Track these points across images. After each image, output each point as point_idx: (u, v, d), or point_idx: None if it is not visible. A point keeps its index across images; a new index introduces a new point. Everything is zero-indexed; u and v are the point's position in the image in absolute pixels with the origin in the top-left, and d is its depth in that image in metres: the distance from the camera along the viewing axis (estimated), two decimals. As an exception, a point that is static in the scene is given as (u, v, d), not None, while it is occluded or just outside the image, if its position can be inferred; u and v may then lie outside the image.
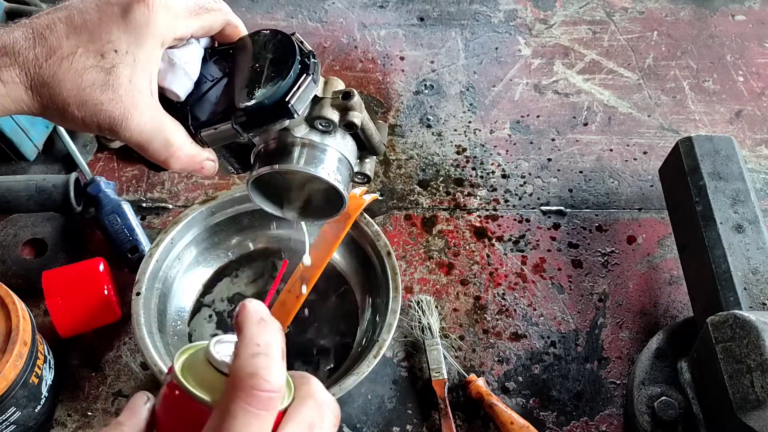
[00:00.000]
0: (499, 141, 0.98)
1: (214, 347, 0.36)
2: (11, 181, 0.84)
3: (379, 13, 1.14)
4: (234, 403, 0.32)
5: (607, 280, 0.85)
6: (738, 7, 1.16)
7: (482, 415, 0.73)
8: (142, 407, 0.35)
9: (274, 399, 0.32)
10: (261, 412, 0.32)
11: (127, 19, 0.43)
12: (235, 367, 0.33)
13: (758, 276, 0.69)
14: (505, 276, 0.85)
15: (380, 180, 0.93)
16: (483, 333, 0.80)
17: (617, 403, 0.75)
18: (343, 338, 0.77)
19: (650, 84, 1.06)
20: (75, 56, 0.43)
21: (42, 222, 0.82)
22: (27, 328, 0.64)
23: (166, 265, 0.75)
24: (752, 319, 0.60)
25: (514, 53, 1.09)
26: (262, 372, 0.32)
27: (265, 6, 1.14)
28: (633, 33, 1.12)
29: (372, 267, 0.77)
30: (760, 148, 0.99)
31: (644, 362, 0.71)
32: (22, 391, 0.64)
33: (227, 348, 0.36)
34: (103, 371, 0.75)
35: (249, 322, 0.35)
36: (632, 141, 0.99)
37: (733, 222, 0.74)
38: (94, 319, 0.75)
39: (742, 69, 1.08)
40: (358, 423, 0.73)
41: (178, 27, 0.46)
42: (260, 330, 0.34)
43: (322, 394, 0.36)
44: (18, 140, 0.87)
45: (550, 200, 0.92)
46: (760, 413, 0.57)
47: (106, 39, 0.43)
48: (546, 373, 0.77)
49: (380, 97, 1.03)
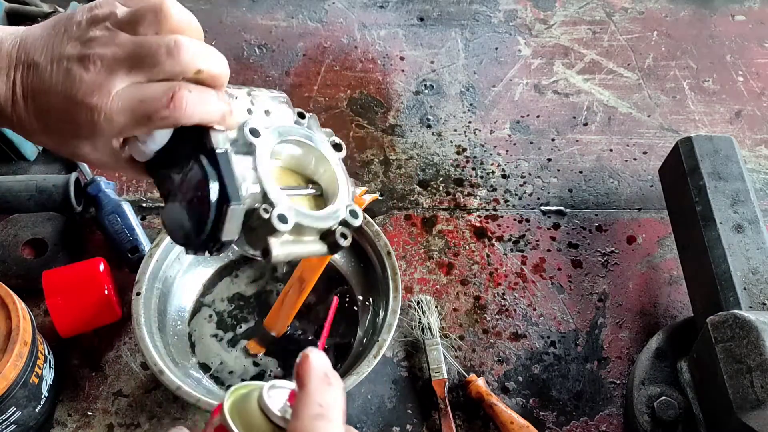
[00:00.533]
0: (499, 141, 0.98)
1: (267, 393, 0.35)
2: (11, 181, 0.84)
3: (379, 13, 1.14)
4: None
5: (607, 280, 0.85)
6: (738, 7, 1.16)
7: (482, 415, 0.73)
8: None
9: None
10: None
11: (82, 121, 0.44)
12: (295, 428, 0.32)
13: (758, 276, 0.69)
14: (505, 276, 0.85)
15: (380, 180, 0.93)
16: (483, 333, 0.80)
17: (617, 403, 0.75)
18: (343, 338, 0.77)
19: (650, 84, 1.06)
20: (43, 133, 0.46)
21: (42, 222, 0.82)
22: (27, 328, 0.64)
23: (166, 265, 0.75)
24: (752, 319, 0.60)
25: (514, 53, 1.09)
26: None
27: (265, 6, 1.14)
28: (633, 33, 1.13)
29: (372, 267, 0.77)
30: (759, 148, 0.99)
31: (644, 362, 0.71)
32: (23, 390, 0.64)
33: (281, 395, 0.35)
34: (104, 371, 0.75)
35: (313, 378, 0.34)
36: (632, 141, 0.99)
37: (732, 222, 0.74)
38: (94, 319, 0.75)
39: (742, 69, 1.08)
40: (358, 423, 0.73)
41: (118, 126, 0.46)
42: (323, 389, 0.34)
43: None
44: (18, 140, 0.87)
45: (550, 200, 0.92)
46: (760, 413, 0.57)
47: (69, 131, 0.45)
48: (546, 373, 0.77)
49: (380, 97, 1.03)
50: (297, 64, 1.07)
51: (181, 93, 0.42)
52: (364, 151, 0.96)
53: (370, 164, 0.95)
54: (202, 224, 0.44)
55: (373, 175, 0.94)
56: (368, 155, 0.96)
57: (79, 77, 0.43)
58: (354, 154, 0.95)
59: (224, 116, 0.45)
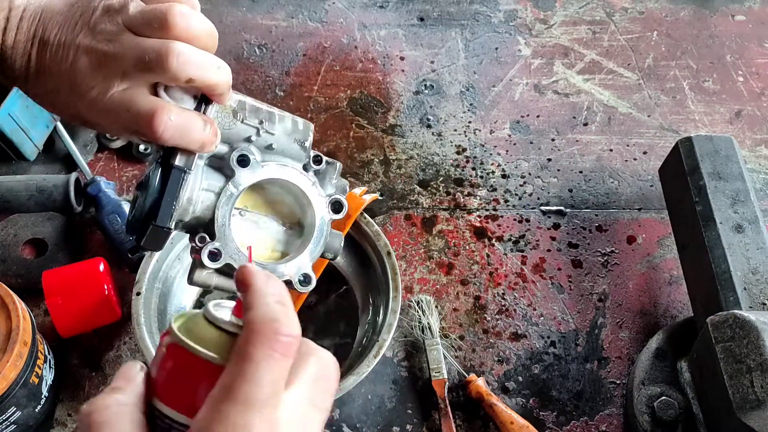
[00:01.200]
0: (499, 141, 0.98)
1: (213, 308, 0.36)
2: (11, 181, 0.84)
3: (379, 13, 1.14)
4: (256, 349, 0.31)
5: (607, 280, 0.85)
6: (738, 7, 1.16)
7: (482, 415, 0.73)
8: (137, 374, 0.35)
9: (294, 345, 0.33)
10: (283, 357, 0.32)
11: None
12: (254, 316, 0.33)
13: (758, 276, 0.69)
14: (505, 276, 0.85)
15: (380, 180, 0.93)
16: (483, 333, 0.80)
17: (617, 403, 0.75)
18: (343, 338, 0.77)
19: (650, 84, 1.06)
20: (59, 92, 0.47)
21: (42, 222, 0.82)
22: (27, 327, 0.64)
23: (166, 265, 0.75)
24: (752, 319, 0.60)
25: (514, 53, 1.09)
26: (283, 318, 0.33)
27: (265, 6, 1.14)
28: (633, 33, 1.12)
29: (372, 267, 0.77)
30: (759, 148, 0.99)
31: (644, 362, 0.71)
32: (23, 390, 0.64)
33: (225, 312, 0.36)
34: (104, 371, 0.75)
35: (257, 277, 0.35)
36: (632, 141, 0.99)
37: (732, 222, 0.74)
38: (94, 319, 0.75)
39: (742, 69, 1.08)
40: (358, 423, 0.73)
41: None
42: (271, 282, 0.35)
43: (323, 351, 0.36)
44: (18, 140, 0.87)
45: (550, 200, 0.92)
46: (760, 413, 0.57)
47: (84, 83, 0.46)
48: (546, 373, 0.77)
49: (380, 97, 1.03)
50: (297, 64, 1.07)
51: (160, 117, 0.43)
52: (364, 151, 0.96)
53: (370, 164, 0.95)
54: (132, 224, 0.46)
55: (373, 175, 0.94)
56: (368, 155, 0.96)
57: (83, 70, 0.44)
58: (354, 154, 0.95)
59: (204, 145, 0.45)
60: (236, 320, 0.36)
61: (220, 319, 0.36)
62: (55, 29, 0.45)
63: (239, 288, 0.35)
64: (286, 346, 0.32)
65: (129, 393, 0.34)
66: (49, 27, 0.45)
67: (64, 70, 0.44)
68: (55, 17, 0.45)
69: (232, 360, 0.32)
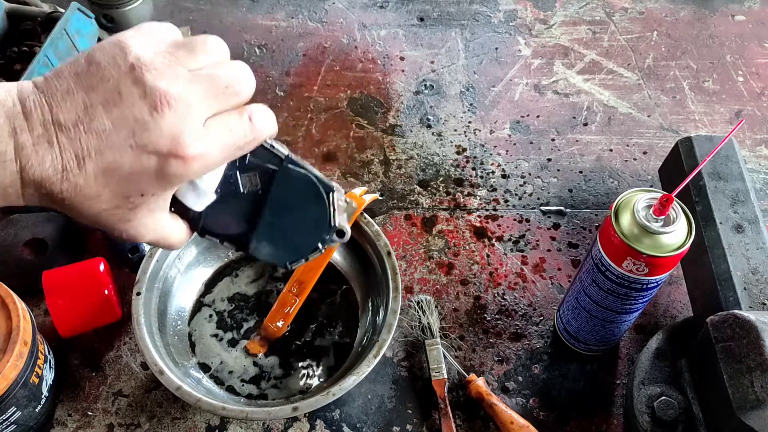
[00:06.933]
0: (499, 141, 0.98)
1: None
2: (11, 181, 0.84)
3: (379, 13, 1.14)
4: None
5: (607, 280, 0.85)
6: (738, 7, 1.16)
7: (482, 415, 0.73)
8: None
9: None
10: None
11: (162, 173, 0.40)
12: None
13: (758, 276, 0.69)
14: (505, 276, 0.85)
15: (380, 180, 0.93)
16: (483, 333, 0.80)
17: (617, 403, 0.75)
18: (343, 338, 0.77)
19: (650, 84, 1.06)
20: (100, 198, 0.40)
21: (42, 222, 0.82)
22: (27, 327, 0.64)
23: (166, 265, 0.75)
24: (752, 319, 0.60)
25: (514, 53, 1.09)
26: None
27: (265, 6, 1.14)
28: (633, 33, 1.13)
29: (372, 267, 0.77)
30: (759, 148, 0.99)
31: (644, 362, 0.71)
32: (23, 390, 0.64)
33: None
34: (104, 371, 0.75)
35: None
36: (632, 141, 0.99)
37: (732, 222, 0.74)
38: (94, 319, 0.75)
39: (741, 69, 1.08)
40: (358, 423, 0.73)
41: (210, 168, 0.44)
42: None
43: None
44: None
45: (550, 200, 0.92)
46: (760, 413, 0.57)
47: (136, 189, 0.40)
48: (546, 373, 0.77)
49: (380, 97, 1.03)
50: (297, 64, 1.07)
51: (257, 113, 0.42)
52: (364, 151, 0.96)
53: (370, 164, 0.95)
54: (321, 220, 0.46)
55: (373, 175, 0.94)
56: (368, 155, 0.96)
57: (155, 125, 0.38)
58: (354, 154, 0.95)
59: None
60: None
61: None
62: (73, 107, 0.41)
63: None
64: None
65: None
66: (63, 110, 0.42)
67: (123, 139, 0.42)
68: (66, 97, 0.41)
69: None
